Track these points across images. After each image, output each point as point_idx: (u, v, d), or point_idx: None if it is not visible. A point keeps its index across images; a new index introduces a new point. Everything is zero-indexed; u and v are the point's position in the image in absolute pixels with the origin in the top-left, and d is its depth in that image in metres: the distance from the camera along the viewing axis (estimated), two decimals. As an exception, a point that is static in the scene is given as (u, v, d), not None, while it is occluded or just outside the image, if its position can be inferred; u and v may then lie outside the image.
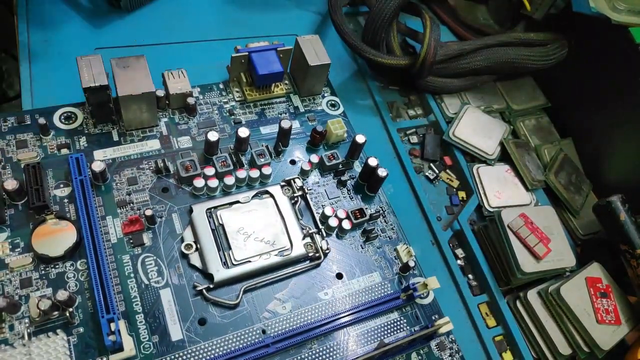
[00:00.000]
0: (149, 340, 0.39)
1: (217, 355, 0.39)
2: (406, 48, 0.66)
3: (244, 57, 0.52)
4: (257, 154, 0.49)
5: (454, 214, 0.57)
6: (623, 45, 0.58)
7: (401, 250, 0.48)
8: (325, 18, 0.68)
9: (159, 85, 0.49)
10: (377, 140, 0.59)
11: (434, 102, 0.63)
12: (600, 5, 0.56)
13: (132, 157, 0.47)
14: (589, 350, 0.48)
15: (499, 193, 0.57)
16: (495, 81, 0.67)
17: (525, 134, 0.64)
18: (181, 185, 0.47)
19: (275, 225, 0.46)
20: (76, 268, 0.41)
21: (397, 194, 0.55)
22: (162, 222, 0.44)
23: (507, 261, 0.51)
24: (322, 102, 0.57)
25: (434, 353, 0.45)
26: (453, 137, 0.59)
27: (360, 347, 0.43)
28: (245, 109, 0.54)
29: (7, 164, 0.44)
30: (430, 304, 0.47)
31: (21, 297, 0.38)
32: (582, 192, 0.61)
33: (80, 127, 0.48)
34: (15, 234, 0.41)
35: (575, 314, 0.48)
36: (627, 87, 0.59)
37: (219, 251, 0.43)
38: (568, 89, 0.67)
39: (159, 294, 0.41)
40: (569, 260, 0.51)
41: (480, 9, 0.76)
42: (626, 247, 0.50)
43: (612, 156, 0.62)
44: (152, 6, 0.62)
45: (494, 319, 0.51)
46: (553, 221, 0.53)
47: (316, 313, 0.44)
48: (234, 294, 0.42)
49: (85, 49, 0.54)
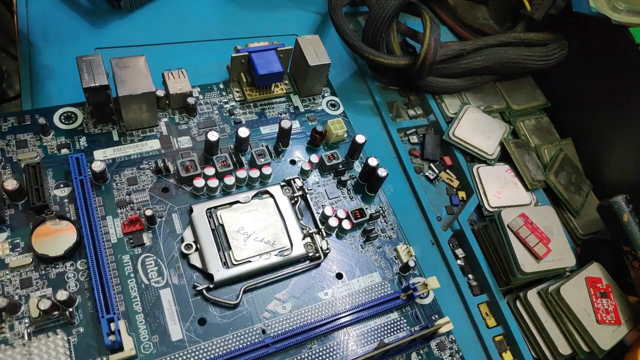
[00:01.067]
0: (149, 340, 0.39)
1: (217, 355, 0.39)
2: (406, 48, 0.66)
3: (244, 57, 0.52)
4: (257, 154, 0.49)
5: (454, 214, 0.57)
6: (623, 45, 0.58)
7: (401, 250, 0.48)
8: (325, 18, 0.68)
9: (159, 85, 0.49)
10: (377, 140, 0.59)
11: (434, 102, 0.63)
12: (600, 5, 0.56)
13: (132, 157, 0.47)
14: (589, 350, 0.48)
15: (499, 193, 0.57)
16: (495, 81, 0.67)
17: (525, 134, 0.64)
18: (181, 185, 0.47)
19: (275, 225, 0.46)
20: (76, 268, 0.41)
21: (397, 194, 0.55)
22: (162, 222, 0.44)
23: (507, 261, 0.51)
24: (322, 102, 0.57)
25: (434, 353, 0.45)
26: (453, 137, 0.59)
27: (360, 347, 0.43)
28: (245, 109, 0.54)
29: (7, 164, 0.44)
30: (430, 304, 0.47)
31: (21, 297, 0.38)
32: (582, 192, 0.61)
33: (80, 127, 0.48)
34: (15, 234, 0.41)
35: (575, 313, 0.48)
36: (627, 87, 0.59)
37: (219, 251, 0.43)
38: (568, 89, 0.67)
39: (159, 294, 0.41)
40: (569, 260, 0.51)
41: (480, 9, 0.76)
42: (628, 248, 0.50)
43: (612, 156, 0.62)
44: (152, 6, 0.62)
45: (494, 319, 0.51)
46: (553, 221, 0.53)
47: (316, 313, 0.44)
48: (234, 294, 0.42)
49: (85, 49, 0.54)
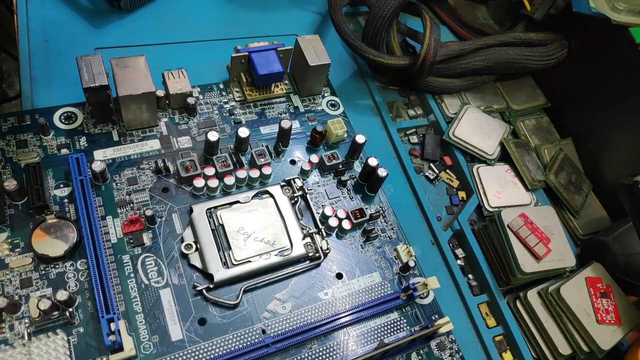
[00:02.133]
0: (149, 340, 0.39)
1: (217, 355, 0.39)
2: (406, 48, 0.66)
3: (244, 57, 0.52)
4: (257, 154, 0.49)
5: (454, 214, 0.57)
6: (623, 45, 0.58)
7: (401, 250, 0.48)
8: (325, 18, 0.68)
9: (159, 85, 0.49)
10: (377, 140, 0.59)
11: (434, 102, 0.63)
12: (600, 5, 0.56)
13: (132, 157, 0.47)
14: (589, 350, 0.48)
15: (499, 193, 0.57)
16: (495, 81, 0.67)
17: (525, 134, 0.64)
18: (181, 185, 0.47)
19: (275, 225, 0.46)
20: (76, 268, 0.41)
21: (397, 194, 0.55)
22: (162, 222, 0.44)
23: (507, 261, 0.51)
24: (322, 102, 0.57)
25: (434, 353, 0.45)
26: (453, 137, 0.59)
27: (360, 347, 0.43)
28: (245, 109, 0.54)
29: (7, 164, 0.44)
30: (430, 304, 0.47)
31: (21, 297, 0.38)
32: (582, 192, 0.61)
33: (80, 127, 0.48)
34: (15, 234, 0.41)
35: (575, 314, 0.48)
36: (627, 87, 0.59)
37: (219, 251, 0.43)
38: (568, 89, 0.67)
39: (159, 294, 0.41)
40: (569, 260, 0.51)
41: (480, 9, 0.76)
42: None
43: (612, 156, 0.62)
44: (152, 6, 0.62)
45: (494, 319, 0.51)
46: (553, 221, 0.53)
47: (316, 313, 0.44)
48: (234, 294, 0.42)
49: (85, 49, 0.54)
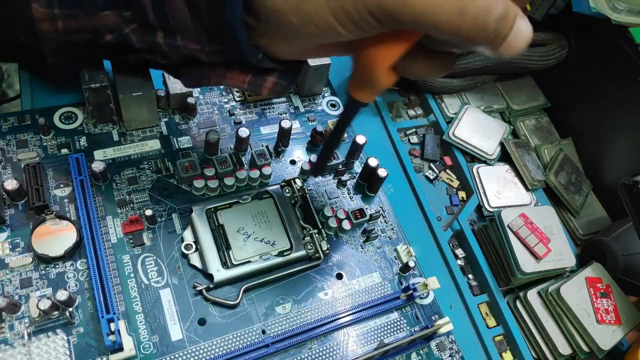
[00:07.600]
0: (149, 340, 0.39)
1: (217, 355, 0.39)
2: (406, 48, 0.66)
3: (244, 57, 0.52)
4: (257, 154, 0.49)
5: (454, 214, 0.57)
6: (623, 45, 0.58)
7: (401, 251, 0.48)
8: (325, 18, 0.68)
9: (159, 85, 0.49)
10: (377, 140, 0.59)
11: (434, 102, 0.63)
12: (600, 5, 0.56)
13: (132, 157, 0.47)
14: (589, 350, 0.48)
15: (499, 193, 0.57)
16: (495, 81, 0.67)
17: (525, 134, 0.64)
18: (181, 185, 0.47)
19: (275, 226, 0.46)
20: (76, 268, 0.41)
21: (397, 194, 0.55)
22: (162, 222, 0.44)
23: (507, 261, 0.51)
24: (322, 102, 0.57)
25: (434, 353, 0.45)
26: (453, 137, 0.59)
27: (360, 347, 0.43)
28: (245, 109, 0.54)
29: (7, 164, 0.44)
30: (430, 304, 0.47)
31: (21, 297, 0.38)
32: (582, 192, 0.61)
33: (80, 127, 0.48)
34: (15, 234, 0.41)
35: (575, 314, 0.48)
36: (627, 87, 0.59)
37: (219, 251, 0.43)
38: (568, 89, 0.67)
39: (159, 294, 0.41)
40: (569, 260, 0.51)
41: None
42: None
43: (612, 156, 0.62)
44: (152, 6, 0.61)
45: (494, 319, 0.51)
46: (553, 221, 0.53)
47: (316, 313, 0.44)
48: (234, 294, 0.42)
49: (85, 49, 0.54)
